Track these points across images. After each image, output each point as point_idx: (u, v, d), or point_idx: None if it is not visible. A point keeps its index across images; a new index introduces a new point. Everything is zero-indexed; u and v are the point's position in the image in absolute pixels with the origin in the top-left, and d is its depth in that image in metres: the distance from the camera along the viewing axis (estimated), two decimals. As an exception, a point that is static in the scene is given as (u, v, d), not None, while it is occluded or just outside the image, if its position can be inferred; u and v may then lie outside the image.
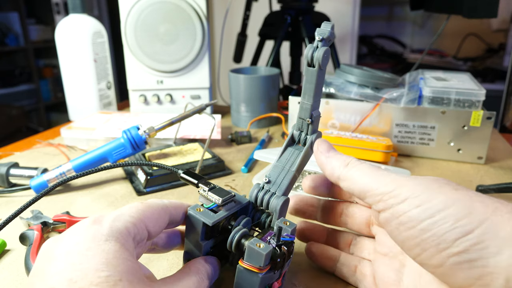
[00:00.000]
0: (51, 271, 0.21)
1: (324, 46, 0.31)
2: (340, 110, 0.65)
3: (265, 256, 0.26)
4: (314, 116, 0.33)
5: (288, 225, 0.30)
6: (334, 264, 0.34)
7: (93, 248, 0.22)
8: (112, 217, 0.25)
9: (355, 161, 0.30)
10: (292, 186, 0.33)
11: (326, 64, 0.31)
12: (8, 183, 0.53)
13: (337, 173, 0.30)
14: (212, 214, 0.29)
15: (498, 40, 1.96)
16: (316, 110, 0.33)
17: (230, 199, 0.31)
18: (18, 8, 2.45)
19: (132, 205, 0.27)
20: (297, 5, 0.98)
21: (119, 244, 0.23)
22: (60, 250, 0.22)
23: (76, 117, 0.84)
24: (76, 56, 0.79)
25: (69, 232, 0.24)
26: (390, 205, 0.25)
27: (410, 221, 0.24)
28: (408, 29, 2.19)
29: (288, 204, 0.33)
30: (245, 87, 0.78)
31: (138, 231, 0.25)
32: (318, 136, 0.34)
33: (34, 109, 2.67)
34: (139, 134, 0.53)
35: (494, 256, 0.21)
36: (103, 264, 0.21)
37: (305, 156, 0.34)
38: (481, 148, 0.61)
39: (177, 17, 0.78)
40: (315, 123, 0.34)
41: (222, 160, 0.58)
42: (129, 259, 0.23)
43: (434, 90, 0.60)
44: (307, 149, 0.34)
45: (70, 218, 0.42)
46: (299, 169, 0.33)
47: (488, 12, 0.73)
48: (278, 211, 0.31)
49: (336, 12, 1.78)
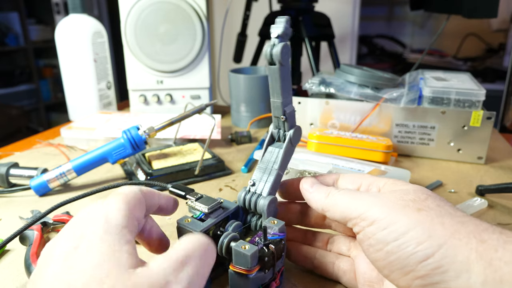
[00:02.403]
0: (49, 275, 0.22)
1: (282, 42, 0.30)
2: (340, 110, 0.65)
3: (250, 257, 0.27)
4: (288, 112, 0.33)
5: (276, 224, 0.30)
6: (311, 261, 0.34)
7: (90, 250, 0.22)
8: (104, 214, 0.25)
9: (334, 190, 0.31)
10: (278, 184, 0.34)
11: (287, 59, 0.31)
12: (8, 183, 0.53)
13: (320, 205, 0.31)
14: (199, 223, 0.30)
15: (498, 40, 1.96)
16: (289, 106, 0.33)
17: (216, 206, 0.32)
18: (18, 8, 2.45)
19: (116, 197, 0.27)
20: (297, 5, 0.98)
21: (112, 238, 0.23)
22: (59, 255, 0.23)
23: (76, 117, 0.84)
24: (76, 56, 0.79)
25: (66, 235, 0.24)
26: (362, 228, 0.27)
27: (378, 243, 0.25)
28: (408, 29, 2.19)
29: (275, 203, 0.33)
30: (245, 87, 0.78)
31: (130, 221, 0.26)
32: (297, 131, 0.34)
33: (34, 109, 2.67)
34: (139, 134, 0.53)
35: (455, 280, 0.22)
36: (97, 264, 0.22)
37: (286, 152, 0.34)
38: (481, 148, 0.61)
39: (177, 17, 0.78)
40: (290, 119, 0.34)
41: (222, 160, 0.58)
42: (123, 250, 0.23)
43: (434, 90, 0.60)
44: (287, 145, 0.34)
45: (70, 218, 0.42)
46: (282, 166, 0.33)
47: (488, 12, 0.73)
48: (265, 211, 0.31)
49: (336, 12, 1.78)
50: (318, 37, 1.07)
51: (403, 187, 0.29)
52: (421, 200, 0.26)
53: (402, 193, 0.27)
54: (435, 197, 0.27)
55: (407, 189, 0.28)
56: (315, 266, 0.34)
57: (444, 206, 0.26)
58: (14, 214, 0.45)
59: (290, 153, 0.34)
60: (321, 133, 0.60)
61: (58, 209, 0.36)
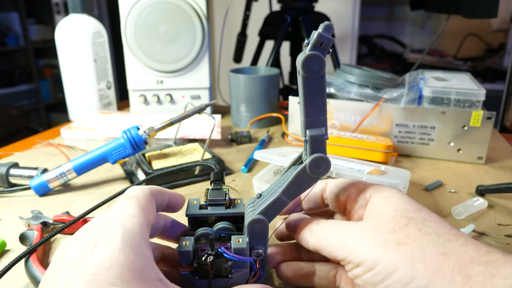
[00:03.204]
0: (61, 281, 0.21)
1: (314, 51, 0.26)
2: (340, 110, 0.65)
3: (178, 253, 0.28)
4: (309, 135, 0.28)
5: (240, 243, 0.28)
6: (312, 279, 0.32)
7: (108, 260, 0.22)
8: (120, 221, 0.24)
9: (316, 226, 0.29)
10: (276, 208, 0.29)
11: (316, 73, 0.26)
12: (8, 183, 0.53)
13: (310, 246, 0.30)
14: (196, 209, 0.32)
15: (498, 40, 1.96)
16: (314, 129, 0.28)
17: (216, 202, 0.32)
18: (18, 8, 2.45)
19: (129, 200, 0.27)
20: (297, 5, 0.98)
21: (134, 253, 0.23)
22: (73, 260, 0.22)
23: (76, 117, 0.84)
24: (76, 56, 0.79)
25: (80, 241, 0.23)
26: (350, 269, 0.26)
27: (366, 284, 0.25)
28: (408, 29, 2.19)
29: (261, 225, 0.29)
30: (245, 87, 0.78)
31: (146, 229, 0.25)
32: (315, 161, 0.28)
33: (34, 109, 2.66)
34: (139, 134, 0.53)
35: None
36: (117, 278, 0.21)
37: (297, 179, 0.29)
38: (481, 148, 0.61)
39: (177, 17, 0.78)
40: (314, 144, 0.28)
41: (222, 160, 0.58)
42: (145, 268, 0.23)
43: (434, 90, 0.60)
44: (300, 171, 0.29)
45: (70, 218, 0.42)
46: (286, 191, 0.29)
47: (488, 12, 0.73)
48: (246, 228, 0.29)
49: (336, 12, 1.78)
50: (318, 37, 1.06)
51: (386, 208, 0.27)
52: (401, 228, 0.25)
53: (382, 222, 0.26)
54: (416, 219, 0.26)
55: (387, 215, 0.27)
56: (316, 283, 0.32)
57: (427, 229, 0.25)
58: (14, 214, 0.45)
59: (304, 182, 0.29)
60: (321, 133, 0.60)
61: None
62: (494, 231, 0.42)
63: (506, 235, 0.42)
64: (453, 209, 0.46)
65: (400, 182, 0.44)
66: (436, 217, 0.26)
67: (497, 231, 0.42)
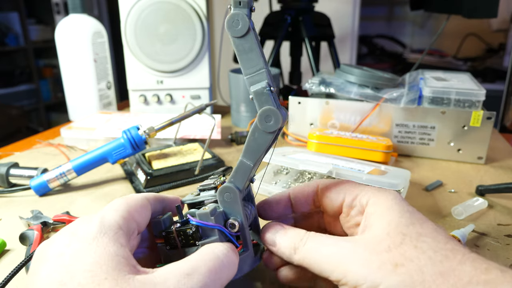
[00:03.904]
0: (43, 274, 0.22)
1: (236, 10, 0.28)
2: (340, 110, 0.65)
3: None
4: (252, 91, 0.29)
5: (205, 210, 0.28)
6: (312, 280, 0.32)
7: (83, 249, 0.23)
8: (101, 215, 0.25)
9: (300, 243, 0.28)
10: (241, 173, 0.29)
11: (238, 31, 0.28)
12: (8, 183, 0.53)
13: (294, 261, 0.28)
14: (193, 197, 0.33)
15: (498, 40, 1.96)
16: (256, 84, 0.29)
17: (206, 187, 0.32)
18: (18, 8, 2.45)
19: (116, 200, 0.27)
20: (297, 5, 0.98)
21: (107, 239, 0.24)
22: (53, 252, 0.23)
23: (76, 117, 0.84)
24: (76, 56, 0.79)
25: (61, 234, 0.25)
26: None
27: None
28: (408, 29, 2.19)
29: (231, 193, 0.29)
30: (245, 87, 0.77)
31: (128, 223, 0.26)
32: (264, 112, 0.30)
33: (34, 109, 2.67)
34: (139, 134, 0.53)
35: None
36: (90, 264, 0.22)
37: (251, 138, 0.30)
38: (481, 148, 0.61)
39: (177, 17, 0.78)
40: (259, 99, 0.30)
41: (222, 160, 0.58)
42: (119, 254, 0.23)
43: (434, 90, 0.60)
44: (252, 130, 0.30)
45: (70, 218, 0.42)
46: (245, 153, 0.29)
47: (488, 12, 0.73)
48: (218, 199, 0.30)
49: (336, 12, 1.78)
50: (318, 37, 1.07)
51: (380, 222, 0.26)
52: (396, 247, 0.24)
53: (377, 241, 0.25)
54: (411, 234, 0.25)
55: (382, 230, 0.26)
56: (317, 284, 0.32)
57: (422, 245, 0.24)
58: (14, 214, 0.45)
59: (260, 139, 0.29)
60: (321, 133, 0.60)
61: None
62: (494, 231, 0.42)
63: (506, 235, 0.42)
64: (453, 209, 0.46)
65: (400, 182, 0.44)
66: (431, 229, 0.25)
67: (497, 231, 0.42)
